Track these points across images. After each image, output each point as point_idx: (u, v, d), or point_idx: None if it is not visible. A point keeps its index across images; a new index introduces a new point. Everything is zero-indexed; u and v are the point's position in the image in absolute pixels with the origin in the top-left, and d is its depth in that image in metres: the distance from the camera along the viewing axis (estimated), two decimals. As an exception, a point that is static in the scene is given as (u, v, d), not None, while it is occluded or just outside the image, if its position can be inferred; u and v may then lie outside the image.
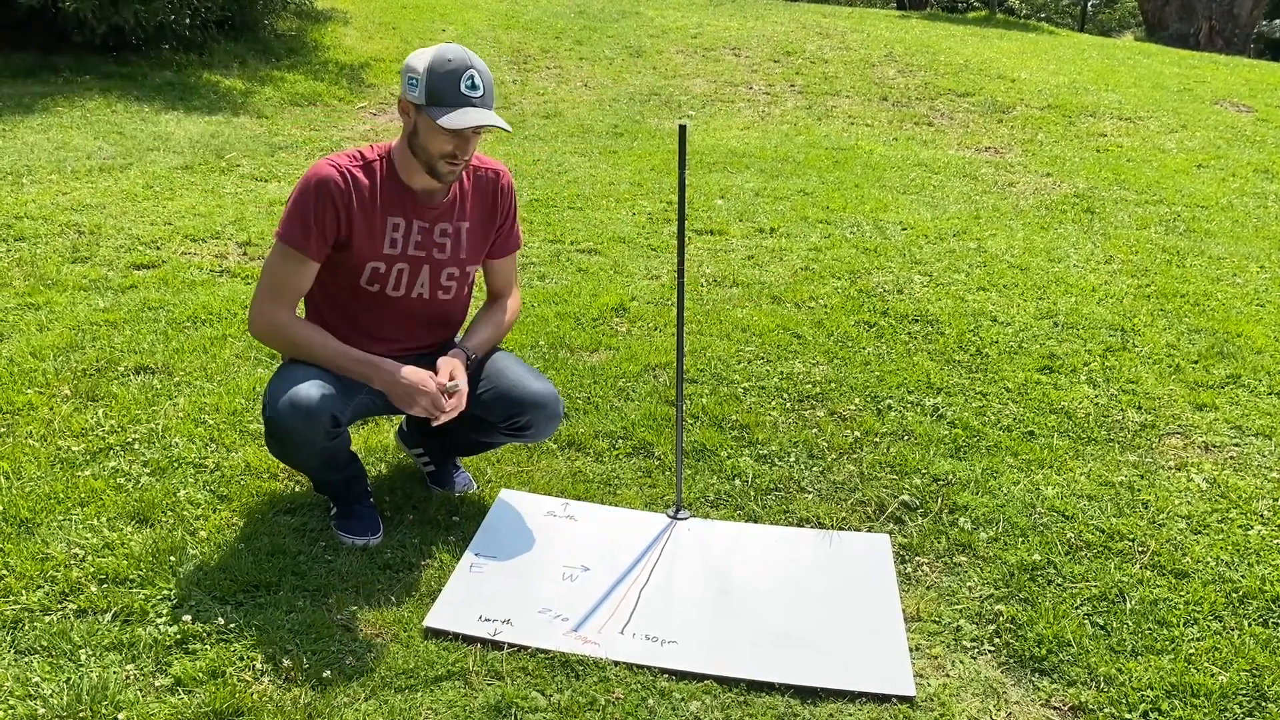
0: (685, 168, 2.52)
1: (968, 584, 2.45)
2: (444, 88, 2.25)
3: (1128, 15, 26.31)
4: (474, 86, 2.26)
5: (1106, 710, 2.06)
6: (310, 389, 2.28)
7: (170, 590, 2.28)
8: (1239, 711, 2.05)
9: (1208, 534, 2.66)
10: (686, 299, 2.64)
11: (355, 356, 2.36)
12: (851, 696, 2.08)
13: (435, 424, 2.37)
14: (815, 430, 3.15)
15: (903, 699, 2.07)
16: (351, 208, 2.34)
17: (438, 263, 2.47)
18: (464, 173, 2.49)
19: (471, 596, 2.32)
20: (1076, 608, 2.35)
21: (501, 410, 2.50)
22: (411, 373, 2.33)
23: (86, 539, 2.44)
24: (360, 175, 2.36)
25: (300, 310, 2.47)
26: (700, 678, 2.11)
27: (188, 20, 8.12)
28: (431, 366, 2.41)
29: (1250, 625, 2.30)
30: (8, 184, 5.29)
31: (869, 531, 2.67)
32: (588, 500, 2.76)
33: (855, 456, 3.01)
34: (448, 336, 2.64)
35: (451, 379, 2.37)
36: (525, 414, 2.51)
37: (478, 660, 2.12)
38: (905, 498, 2.80)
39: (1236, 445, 3.13)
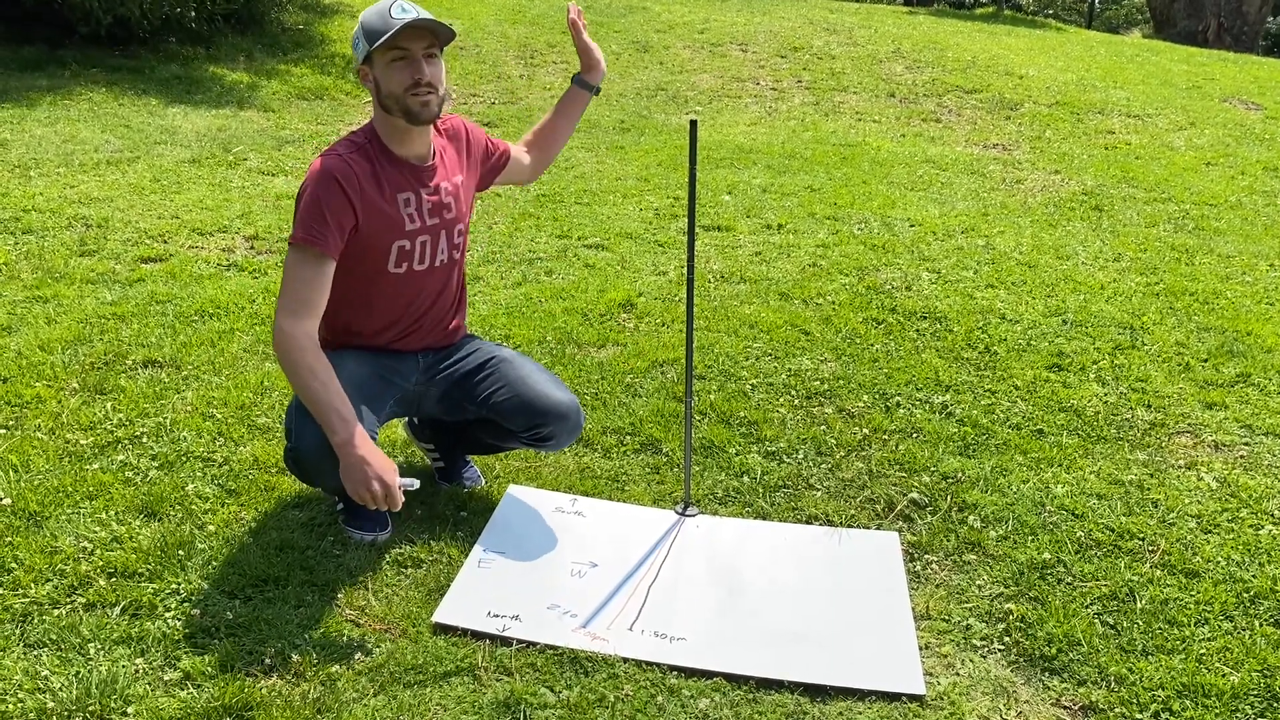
0: (696, 163, 2.51)
1: (977, 582, 2.44)
2: (376, 22, 2.27)
3: (1135, 12, 26.23)
4: (404, 10, 2.26)
5: (1117, 710, 2.05)
6: None
7: (179, 584, 2.28)
8: (1250, 712, 2.05)
9: (1218, 533, 2.65)
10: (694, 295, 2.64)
11: (335, 410, 2.21)
12: (861, 695, 2.07)
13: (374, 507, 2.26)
14: (824, 427, 3.14)
15: (912, 697, 2.06)
16: (364, 194, 2.33)
17: (449, 222, 2.49)
18: (436, 128, 2.50)
19: (480, 592, 2.32)
20: (1087, 607, 2.34)
21: (524, 419, 2.49)
22: (374, 456, 2.22)
23: (95, 533, 2.44)
24: (361, 160, 2.36)
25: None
26: (709, 675, 2.11)
27: (193, 14, 8.10)
28: (440, 386, 2.49)
29: (1262, 625, 2.29)
30: (15, 177, 5.29)
31: (878, 529, 2.66)
32: (596, 496, 2.75)
33: (864, 454, 3.00)
34: (455, 316, 2.63)
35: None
36: (549, 424, 2.50)
37: (487, 656, 2.12)
38: (914, 495, 2.79)
39: (1246, 444, 3.12)
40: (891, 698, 2.06)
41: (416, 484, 2.31)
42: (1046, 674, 2.15)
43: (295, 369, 2.25)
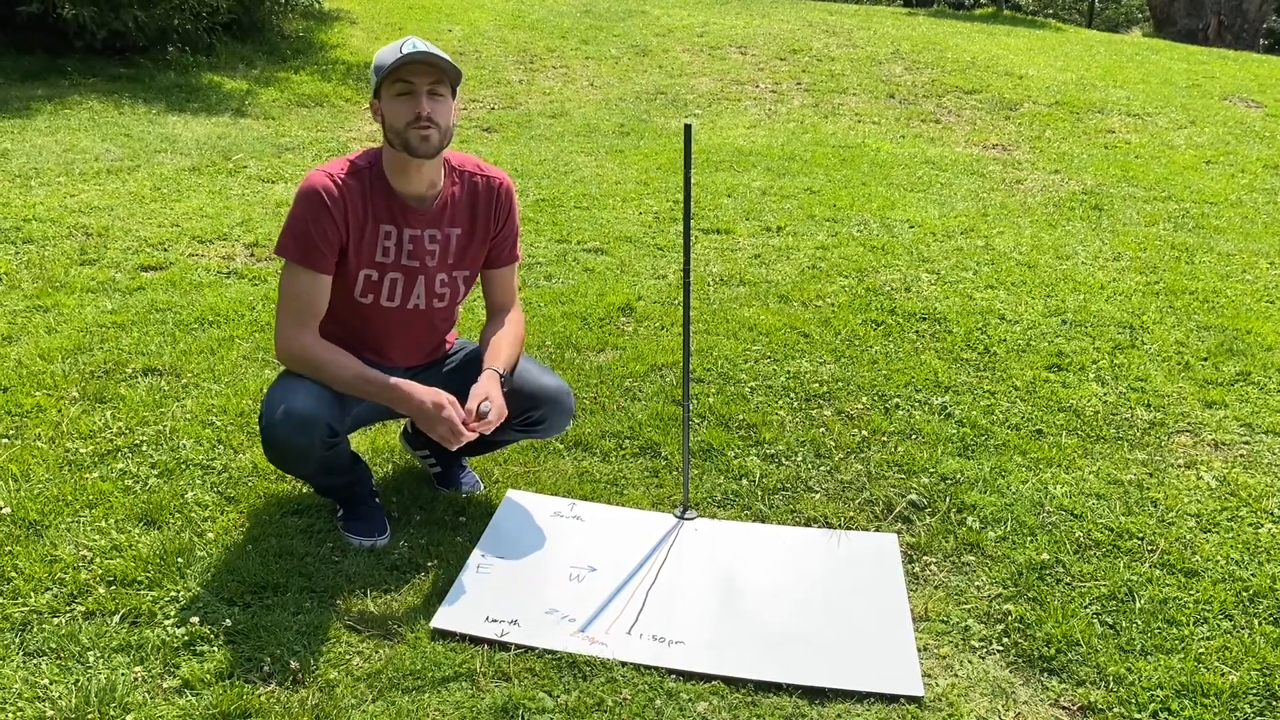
0: (691, 167, 2.51)
1: (976, 583, 2.44)
2: (386, 56, 2.31)
3: (1135, 11, 26.19)
4: (415, 47, 2.27)
5: (1116, 710, 2.05)
6: (306, 399, 2.28)
7: (178, 592, 2.29)
8: (1249, 711, 2.04)
9: (1217, 532, 2.65)
10: (693, 298, 2.64)
11: (380, 384, 2.33)
12: (859, 697, 2.07)
13: (452, 449, 2.34)
14: (822, 429, 3.14)
15: (911, 699, 2.06)
16: (347, 215, 2.34)
17: (430, 270, 2.47)
18: (457, 179, 2.49)
19: (479, 597, 2.32)
20: (1085, 607, 2.34)
21: (515, 406, 2.48)
22: (432, 395, 2.31)
23: (95, 541, 2.45)
24: (353, 183, 2.36)
25: None
26: (707, 678, 2.11)
27: (189, 26, 8.12)
28: (429, 381, 2.41)
29: (1261, 624, 2.29)
30: (16, 186, 5.31)
31: (877, 531, 2.66)
32: (594, 500, 2.76)
33: (863, 456, 3.00)
34: (435, 345, 2.64)
35: (487, 400, 2.33)
36: (539, 409, 2.52)
37: (485, 661, 2.12)
38: (913, 497, 2.79)
39: (1246, 443, 3.11)
40: (890, 699, 2.06)
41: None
42: (1045, 674, 2.15)
43: (320, 370, 2.34)
